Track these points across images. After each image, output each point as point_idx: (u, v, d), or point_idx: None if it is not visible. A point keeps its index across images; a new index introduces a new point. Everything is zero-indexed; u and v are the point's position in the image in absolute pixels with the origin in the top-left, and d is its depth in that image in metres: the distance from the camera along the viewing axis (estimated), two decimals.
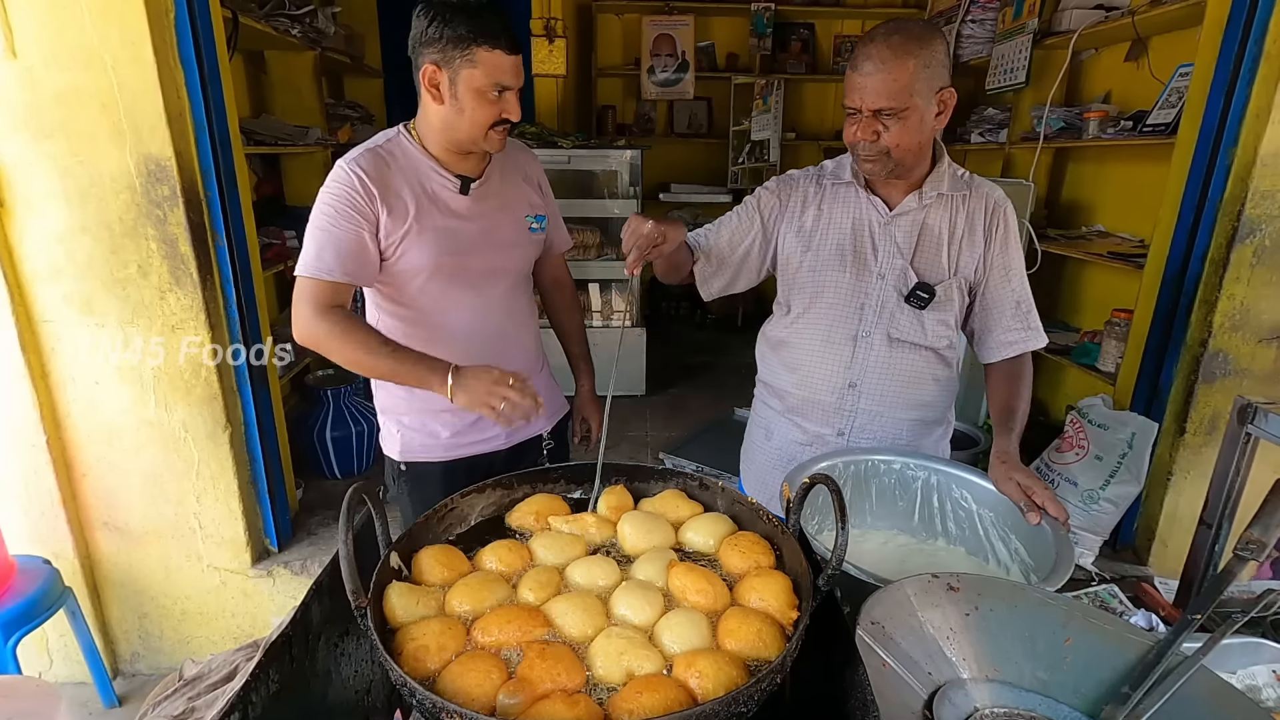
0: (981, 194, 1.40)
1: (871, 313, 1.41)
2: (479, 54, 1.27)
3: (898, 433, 1.47)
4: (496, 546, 0.93)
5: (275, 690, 0.73)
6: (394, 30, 4.53)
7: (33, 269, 1.97)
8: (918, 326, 1.40)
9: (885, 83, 1.22)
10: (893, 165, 1.31)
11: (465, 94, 1.30)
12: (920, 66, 1.21)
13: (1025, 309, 1.41)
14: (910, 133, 1.26)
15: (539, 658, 0.71)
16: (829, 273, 1.43)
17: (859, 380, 1.44)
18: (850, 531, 0.99)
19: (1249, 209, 2.01)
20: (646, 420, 3.88)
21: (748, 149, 5.29)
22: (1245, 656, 1.03)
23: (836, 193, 1.45)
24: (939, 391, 1.48)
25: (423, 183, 1.40)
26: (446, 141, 1.39)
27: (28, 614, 1.90)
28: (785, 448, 1.56)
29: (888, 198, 1.40)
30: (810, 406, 1.50)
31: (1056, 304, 3.44)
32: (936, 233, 1.39)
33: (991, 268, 1.40)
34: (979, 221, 1.39)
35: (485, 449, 1.56)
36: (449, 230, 1.41)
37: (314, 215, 1.35)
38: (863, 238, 1.41)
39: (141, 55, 1.82)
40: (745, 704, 0.68)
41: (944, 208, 1.39)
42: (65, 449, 2.13)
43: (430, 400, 1.49)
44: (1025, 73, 3.30)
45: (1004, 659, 0.87)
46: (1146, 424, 2.28)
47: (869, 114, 1.25)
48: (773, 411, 1.58)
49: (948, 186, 1.38)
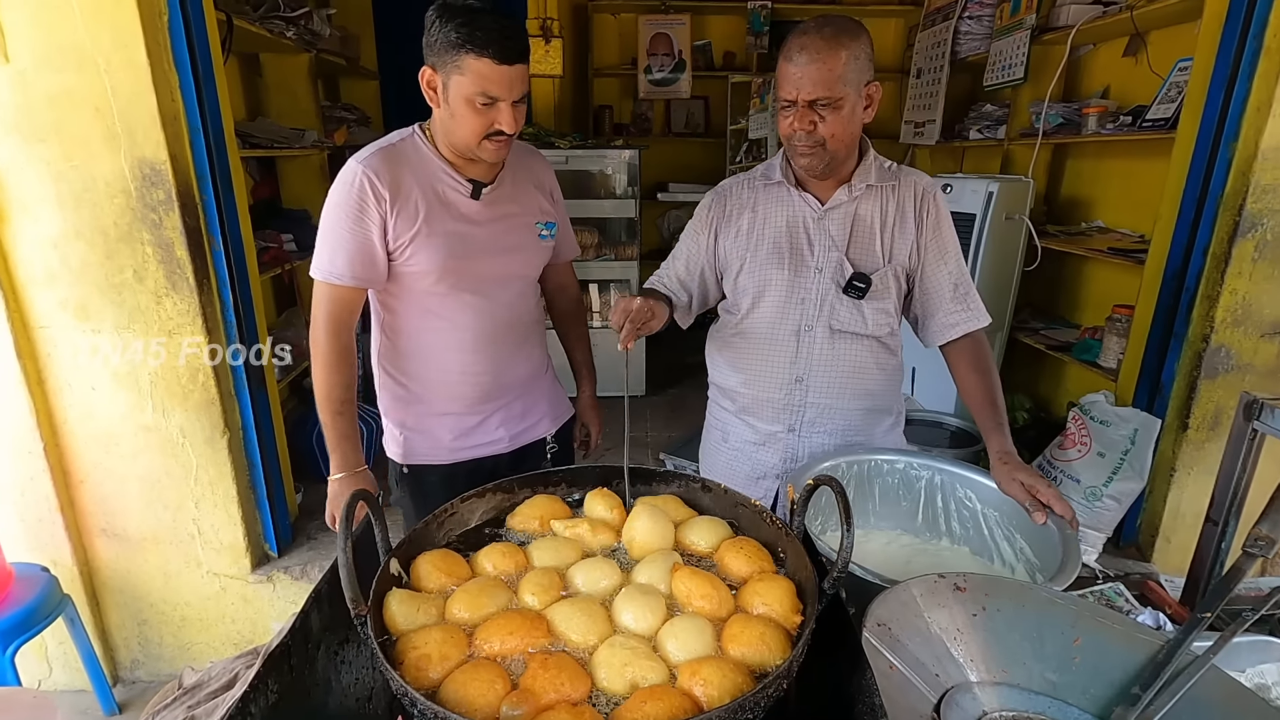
0: (910, 182, 1.42)
1: (812, 306, 1.43)
2: (466, 61, 1.23)
3: (848, 424, 1.49)
4: (490, 551, 0.92)
5: (274, 700, 0.72)
6: (390, 32, 4.52)
7: (27, 274, 1.95)
8: (858, 316, 1.42)
9: (820, 72, 1.24)
10: (828, 158, 1.33)
11: (455, 100, 1.28)
12: (850, 58, 1.24)
13: (964, 290, 1.42)
14: (843, 123, 1.28)
15: (542, 668, 0.70)
16: (769, 271, 1.44)
17: (805, 374, 1.46)
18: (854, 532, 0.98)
19: (1250, 203, 2.00)
20: (647, 420, 3.87)
21: (745, 148, 5.27)
22: (1254, 654, 1.02)
23: (769, 193, 1.46)
24: (885, 380, 1.49)
25: (434, 185, 1.39)
26: (449, 144, 1.38)
27: (26, 622, 1.89)
28: (741, 448, 1.57)
29: (818, 194, 1.42)
30: (760, 405, 1.51)
31: (1057, 300, 3.43)
32: (868, 222, 1.41)
33: (926, 252, 1.41)
34: (909, 208, 1.41)
35: (488, 452, 1.55)
36: (458, 234, 1.40)
37: (325, 215, 1.36)
38: (798, 234, 1.43)
39: (135, 58, 1.81)
40: (752, 710, 0.67)
41: (874, 198, 1.41)
42: (62, 455, 2.11)
43: (434, 403, 1.49)
44: (1023, 68, 3.29)
45: (1012, 660, 0.86)
46: (1149, 420, 2.27)
47: (804, 105, 1.27)
48: (726, 413, 1.59)
49: (875, 177, 1.40)
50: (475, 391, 1.50)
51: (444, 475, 1.52)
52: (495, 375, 1.50)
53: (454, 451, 1.52)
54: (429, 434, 1.51)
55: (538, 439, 1.63)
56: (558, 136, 4.19)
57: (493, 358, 1.49)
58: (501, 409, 1.54)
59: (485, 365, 1.48)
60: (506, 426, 1.56)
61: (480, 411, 1.52)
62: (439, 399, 1.49)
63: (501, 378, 1.52)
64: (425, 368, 1.47)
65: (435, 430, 1.51)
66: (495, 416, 1.54)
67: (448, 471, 1.53)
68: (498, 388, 1.52)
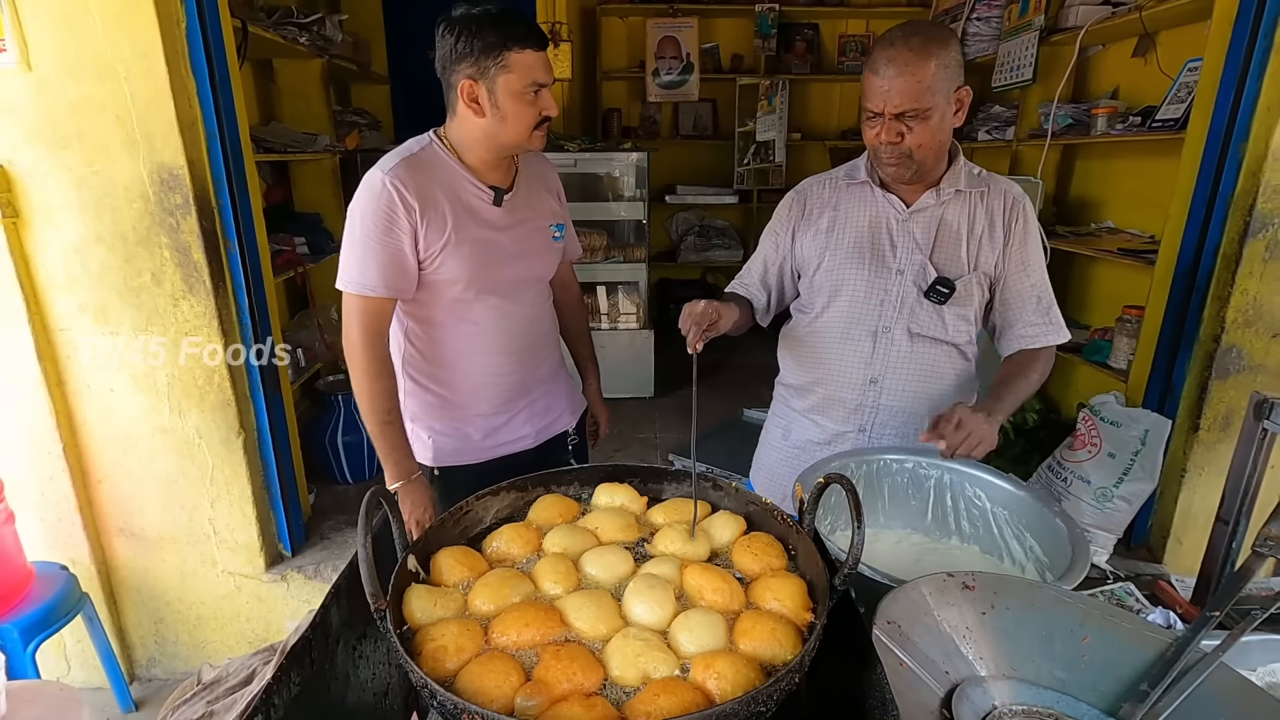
0: (1000, 190, 1.41)
1: (891, 308, 1.42)
2: (511, 58, 1.29)
3: (918, 428, 1.47)
4: (504, 530, 0.95)
5: (296, 693, 0.74)
6: (400, 37, 4.56)
7: (49, 279, 1.99)
8: (938, 321, 1.41)
9: (908, 85, 1.22)
10: (915, 167, 1.32)
11: (505, 100, 1.32)
12: (940, 67, 1.23)
13: (1046, 304, 1.43)
14: (932, 133, 1.27)
15: (555, 659, 0.72)
16: (847, 270, 1.44)
17: (880, 376, 1.45)
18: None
19: (1261, 203, 1.99)
20: (656, 422, 3.88)
21: (753, 150, 5.28)
22: (1265, 654, 1.03)
23: (852, 192, 1.46)
24: (957, 387, 1.48)
25: (459, 193, 1.40)
26: (488, 151, 1.40)
27: (46, 620, 1.92)
28: (803, 447, 1.57)
29: (904, 196, 1.41)
30: (832, 404, 1.51)
31: (1067, 301, 3.41)
32: (955, 228, 1.39)
33: (1010, 262, 1.40)
34: (999, 217, 1.39)
35: (516, 449, 1.58)
36: (485, 241, 1.42)
37: (352, 227, 1.35)
38: (880, 234, 1.42)
39: (154, 66, 1.84)
40: (764, 704, 0.68)
41: (962, 204, 1.39)
42: (81, 456, 2.15)
43: (464, 406, 1.53)
44: (1032, 70, 3.28)
45: (1021, 658, 0.86)
46: (1160, 421, 2.26)
47: (891, 117, 1.26)
48: (793, 412, 1.59)
49: (965, 183, 1.39)
50: (504, 392, 1.53)
51: (474, 474, 1.55)
52: (522, 374, 1.54)
53: (483, 451, 1.55)
54: (459, 436, 1.54)
55: (559, 433, 1.66)
56: (567, 139, 4.22)
57: (519, 358, 1.52)
58: (527, 406, 1.58)
59: (512, 365, 1.52)
60: (532, 423, 1.60)
61: (509, 410, 1.56)
62: (469, 401, 1.52)
63: (527, 376, 1.56)
64: (455, 373, 1.50)
65: (466, 431, 1.54)
66: (522, 414, 1.58)
67: (478, 470, 1.55)
68: (524, 386, 1.56)
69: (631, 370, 4.09)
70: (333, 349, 3.34)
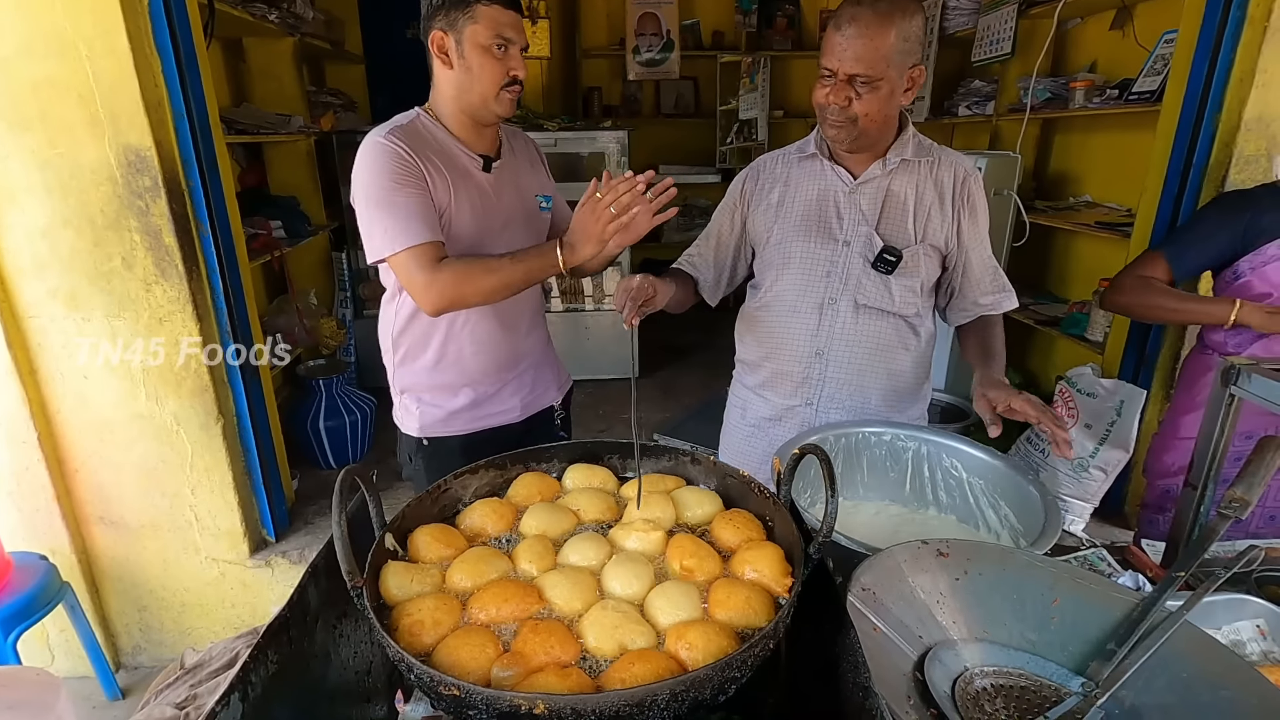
0: (950, 162, 1.41)
1: (838, 280, 1.43)
2: (479, 10, 1.31)
3: (866, 402, 1.49)
4: (479, 505, 0.95)
5: (275, 671, 0.74)
6: (375, 16, 4.46)
7: (15, 263, 1.95)
8: (885, 292, 1.42)
9: (865, 48, 1.22)
10: (857, 134, 1.32)
11: (471, 52, 1.33)
12: (900, 39, 1.22)
13: (996, 272, 1.46)
14: (879, 104, 1.28)
15: (532, 632, 0.72)
16: (795, 243, 1.44)
17: (826, 348, 1.46)
18: (842, 503, 1.00)
19: (1233, 173, 2.01)
20: (640, 402, 3.88)
21: (736, 128, 5.25)
22: (1230, 613, 1.05)
23: (803, 166, 1.47)
24: (911, 362, 1.49)
25: (451, 159, 1.41)
26: (461, 110, 1.40)
27: (26, 610, 1.91)
28: (758, 424, 1.58)
29: (851, 167, 1.42)
30: (779, 379, 1.52)
31: (1045, 275, 3.46)
32: (902, 199, 1.40)
33: (965, 236, 1.42)
34: (948, 191, 1.40)
35: (502, 421, 1.59)
36: (480, 207, 1.43)
37: (369, 193, 1.32)
38: (827, 206, 1.43)
39: (116, 44, 1.79)
40: (739, 669, 0.69)
41: (909, 174, 1.40)
42: (57, 444, 2.12)
43: (454, 376, 1.52)
44: (1011, 43, 3.29)
45: (993, 621, 0.88)
46: (1134, 391, 2.29)
47: (843, 78, 1.26)
48: (746, 389, 1.61)
49: (912, 153, 1.39)
50: (493, 363, 1.53)
51: (461, 445, 1.55)
52: (511, 346, 1.55)
53: (471, 421, 1.56)
54: (447, 406, 1.54)
55: (545, 407, 1.67)
56: (546, 118, 4.17)
57: (509, 329, 1.53)
58: (514, 379, 1.59)
59: (503, 336, 1.52)
60: (519, 396, 1.60)
61: (497, 382, 1.56)
62: (459, 371, 1.52)
63: (516, 348, 1.57)
64: (445, 342, 1.50)
65: (454, 402, 1.54)
66: (510, 386, 1.58)
67: (464, 441, 1.55)
68: (513, 358, 1.56)
69: (613, 351, 4.08)
70: (312, 334, 3.31)
